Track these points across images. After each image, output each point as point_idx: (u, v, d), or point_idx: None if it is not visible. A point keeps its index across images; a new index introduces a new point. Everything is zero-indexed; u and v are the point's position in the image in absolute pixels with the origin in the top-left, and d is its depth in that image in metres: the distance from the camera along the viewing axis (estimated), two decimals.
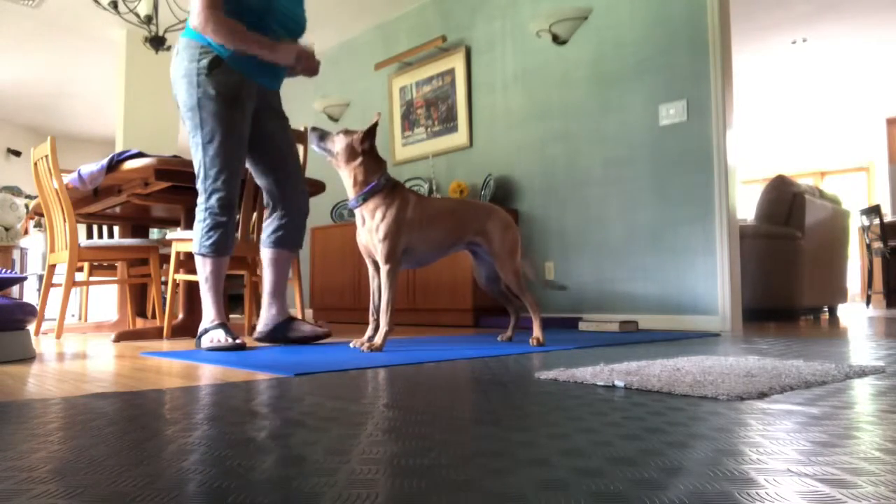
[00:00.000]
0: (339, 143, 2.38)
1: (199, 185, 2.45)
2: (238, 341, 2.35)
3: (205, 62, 2.37)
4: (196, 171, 2.46)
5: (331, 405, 1.17)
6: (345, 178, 2.40)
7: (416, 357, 2.03)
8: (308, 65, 2.48)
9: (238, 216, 2.98)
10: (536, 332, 2.48)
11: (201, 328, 2.48)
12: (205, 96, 2.37)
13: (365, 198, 2.35)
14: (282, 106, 2.71)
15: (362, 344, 2.37)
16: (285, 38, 2.52)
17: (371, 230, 2.34)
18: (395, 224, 2.31)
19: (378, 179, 2.36)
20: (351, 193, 2.39)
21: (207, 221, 2.43)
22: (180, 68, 2.43)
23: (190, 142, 2.46)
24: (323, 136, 2.41)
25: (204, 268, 2.47)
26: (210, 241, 2.43)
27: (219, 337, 2.38)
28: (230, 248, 2.50)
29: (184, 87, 2.41)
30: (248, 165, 2.65)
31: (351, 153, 2.36)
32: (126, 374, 1.71)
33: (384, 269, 2.33)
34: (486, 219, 2.50)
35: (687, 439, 0.87)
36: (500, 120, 4.57)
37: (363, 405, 1.18)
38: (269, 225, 2.70)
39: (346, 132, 2.39)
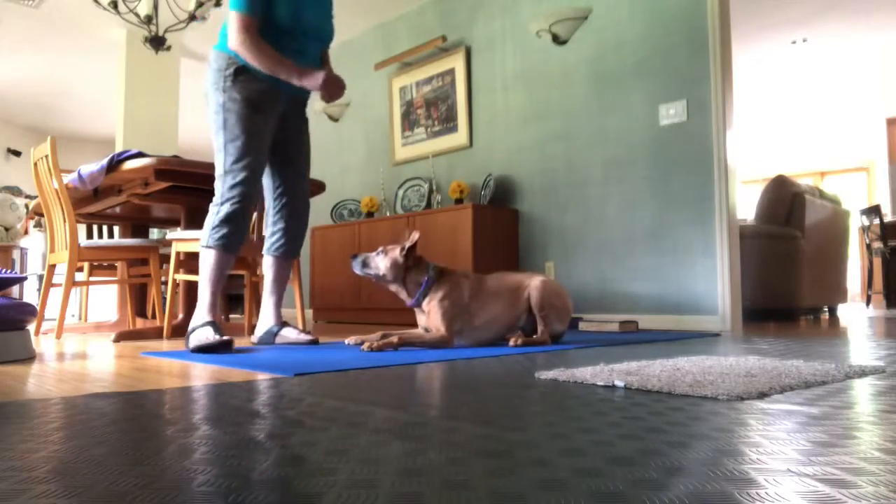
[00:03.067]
0: (383, 264, 2.45)
1: (218, 183, 2.48)
2: (225, 338, 2.31)
3: (231, 70, 2.49)
4: (216, 169, 2.50)
5: (331, 405, 1.17)
6: (396, 289, 2.49)
7: (415, 357, 2.03)
8: (332, 91, 2.53)
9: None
10: (523, 340, 2.45)
11: (191, 326, 2.44)
12: (229, 100, 2.47)
13: (424, 294, 2.44)
14: (305, 109, 2.78)
15: (365, 343, 2.41)
16: (314, 49, 2.63)
17: (428, 314, 2.44)
18: (452, 306, 2.41)
19: (427, 275, 2.45)
20: (406, 297, 2.48)
21: (221, 215, 2.44)
22: (210, 77, 2.53)
23: (214, 145, 2.51)
24: (365, 261, 2.48)
25: (207, 261, 2.46)
26: (220, 234, 2.44)
27: (206, 335, 2.34)
28: (239, 247, 2.50)
29: (212, 93, 2.52)
30: None
31: (397, 269, 2.44)
32: (126, 374, 1.71)
33: (441, 332, 2.39)
34: (530, 280, 2.55)
35: (687, 439, 0.87)
36: (500, 120, 4.57)
37: (363, 405, 1.18)
38: (270, 233, 2.74)
39: (384, 251, 2.46)
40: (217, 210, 2.45)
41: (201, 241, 2.47)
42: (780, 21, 5.98)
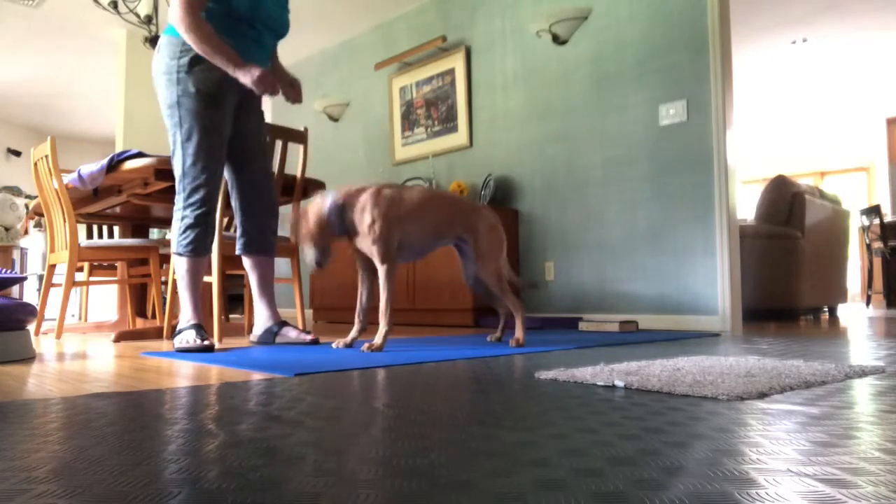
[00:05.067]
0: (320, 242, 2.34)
1: (178, 185, 2.44)
2: (206, 343, 2.33)
3: (185, 60, 2.38)
4: (175, 170, 2.44)
5: (331, 405, 1.17)
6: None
7: (416, 357, 2.03)
8: (267, 87, 2.37)
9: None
10: (518, 332, 2.47)
11: (178, 327, 2.47)
12: (184, 94, 2.38)
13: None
14: (261, 104, 2.71)
15: (345, 344, 2.44)
16: (270, 40, 2.56)
17: (363, 234, 2.34)
18: (386, 223, 2.32)
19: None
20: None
21: (185, 221, 2.41)
22: (161, 65, 2.43)
23: (169, 140, 2.45)
24: (325, 250, 2.35)
25: (180, 267, 2.45)
26: (187, 240, 2.42)
27: (189, 338, 2.37)
28: (208, 248, 2.48)
29: (164, 85, 2.42)
30: None
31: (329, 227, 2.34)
32: (126, 374, 1.71)
33: (382, 268, 2.33)
34: (475, 217, 2.51)
35: (687, 439, 0.87)
36: (500, 120, 4.57)
37: (363, 405, 1.18)
38: (239, 233, 2.70)
39: (307, 233, 2.36)
40: (181, 216, 2.42)
41: (174, 250, 2.45)
42: (780, 21, 5.98)
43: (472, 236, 2.50)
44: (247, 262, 2.72)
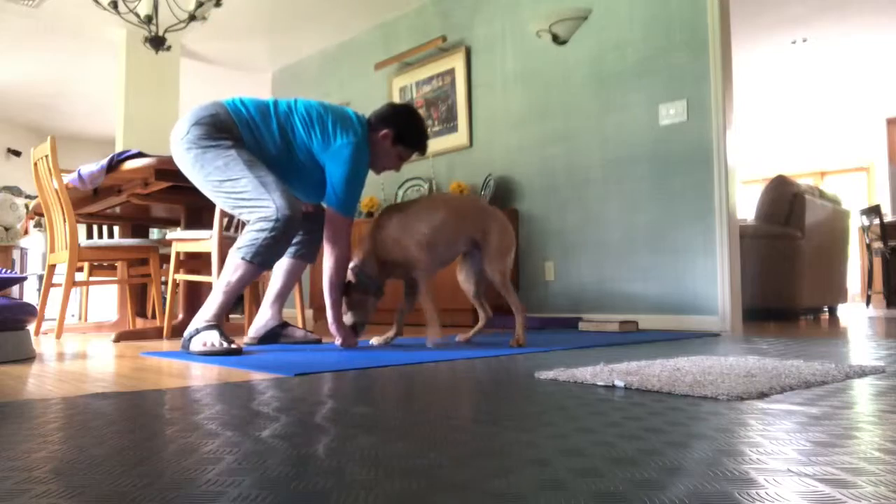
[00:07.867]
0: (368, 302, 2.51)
1: (261, 200, 2.32)
2: (234, 346, 2.19)
3: (228, 142, 2.41)
4: (242, 194, 2.34)
5: (331, 405, 1.17)
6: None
7: (416, 357, 2.03)
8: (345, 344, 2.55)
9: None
10: (518, 332, 2.49)
11: (192, 327, 2.29)
12: (227, 152, 2.39)
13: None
14: None
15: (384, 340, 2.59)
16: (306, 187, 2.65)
17: (407, 248, 2.46)
18: (429, 237, 2.46)
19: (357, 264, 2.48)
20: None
21: (274, 234, 2.29)
22: (200, 131, 2.39)
23: (226, 183, 2.36)
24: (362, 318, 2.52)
25: (239, 272, 2.31)
26: (269, 253, 2.31)
27: (212, 340, 2.21)
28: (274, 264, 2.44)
29: (202, 148, 2.39)
30: None
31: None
32: (126, 374, 1.71)
33: (423, 273, 2.45)
34: (489, 220, 2.58)
35: (687, 439, 0.87)
36: (500, 120, 4.56)
37: (363, 405, 1.18)
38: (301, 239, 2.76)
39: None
40: (271, 228, 2.28)
41: (242, 253, 2.30)
42: (780, 21, 5.98)
43: (483, 238, 2.57)
44: (289, 265, 2.72)
